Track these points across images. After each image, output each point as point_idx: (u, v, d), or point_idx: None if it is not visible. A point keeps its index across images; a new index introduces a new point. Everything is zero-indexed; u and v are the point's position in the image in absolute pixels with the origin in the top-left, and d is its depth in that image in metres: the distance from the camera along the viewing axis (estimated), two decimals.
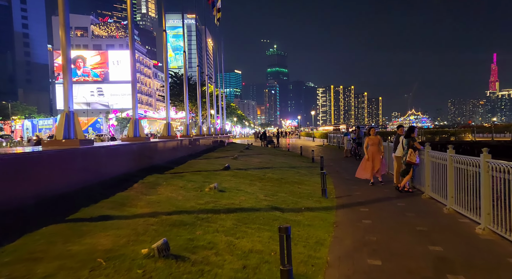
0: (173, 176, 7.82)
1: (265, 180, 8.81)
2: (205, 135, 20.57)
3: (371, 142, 9.15)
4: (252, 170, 10.50)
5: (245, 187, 7.56)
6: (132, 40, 10.11)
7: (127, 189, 5.91)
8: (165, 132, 12.74)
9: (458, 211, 5.99)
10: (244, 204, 5.92)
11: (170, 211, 4.92)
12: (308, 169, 12.51)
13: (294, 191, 7.92)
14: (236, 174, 9.13)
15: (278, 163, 13.49)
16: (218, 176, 8.46)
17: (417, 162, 7.73)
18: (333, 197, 7.72)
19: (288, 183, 8.91)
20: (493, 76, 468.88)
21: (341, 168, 13.54)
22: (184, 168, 9.61)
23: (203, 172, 8.89)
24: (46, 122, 74.14)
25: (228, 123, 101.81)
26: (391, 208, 6.71)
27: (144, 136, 9.46)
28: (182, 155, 12.77)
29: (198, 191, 6.42)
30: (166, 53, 13.11)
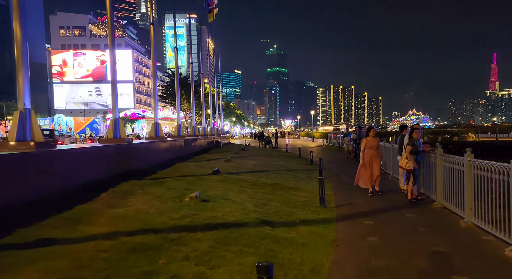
0: (153, 183, 6.95)
1: (258, 186, 7.94)
2: (199, 135, 19.70)
3: (369, 144, 7.82)
4: (244, 174, 9.63)
5: (233, 195, 6.68)
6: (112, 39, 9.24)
7: (91, 200, 5.04)
8: (152, 133, 11.87)
9: (479, 226, 5.11)
10: (229, 217, 5.04)
11: (135, 229, 4.04)
12: (306, 172, 11.64)
13: (289, 199, 7.04)
14: (225, 179, 8.26)
15: (274, 166, 12.62)
16: (204, 182, 7.59)
17: (415, 167, 7.05)
18: (333, 206, 6.84)
19: (283, 189, 8.04)
20: (493, 76, 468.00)
21: (342, 170, 12.66)
22: (169, 172, 8.74)
23: (189, 177, 8.01)
24: (42, 123, 73.27)
25: (227, 124, 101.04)
26: (400, 220, 5.83)
27: (125, 137, 8.60)
28: (171, 157, 11.90)
29: (176, 201, 5.54)
30: (154, 48, 12.26)
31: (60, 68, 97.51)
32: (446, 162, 6.31)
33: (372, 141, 7.87)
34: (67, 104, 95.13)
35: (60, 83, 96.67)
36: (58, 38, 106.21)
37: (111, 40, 9.13)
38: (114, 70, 8.91)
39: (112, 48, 8.94)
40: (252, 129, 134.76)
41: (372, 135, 7.88)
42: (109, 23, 9.10)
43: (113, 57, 8.98)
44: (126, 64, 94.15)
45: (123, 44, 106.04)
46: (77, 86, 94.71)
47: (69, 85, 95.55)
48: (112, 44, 9.02)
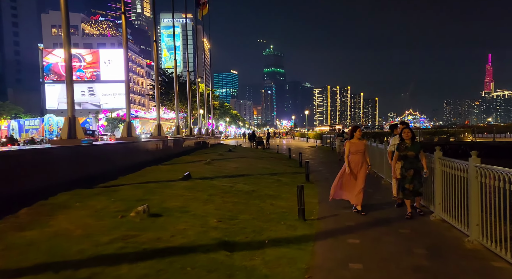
0: (102, 192, 5.92)
1: (230, 194, 6.92)
2: (184, 136, 18.68)
3: (353, 148, 6.28)
4: (220, 179, 8.61)
5: (197, 206, 5.66)
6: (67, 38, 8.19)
7: (1, 219, 4.01)
8: (124, 133, 10.82)
9: (488, 248, 4.14)
10: (177, 239, 4.03)
11: (31, 264, 3.01)
12: (292, 176, 10.64)
13: (264, 210, 6.04)
14: (194, 186, 7.24)
15: (258, 169, 11.61)
16: (167, 190, 6.56)
17: None
18: (314, 218, 5.84)
19: (259, 197, 7.03)
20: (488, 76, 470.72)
21: (332, 173, 11.65)
22: (132, 177, 7.71)
23: (151, 184, 6.98)
24: (33, 123, 71.93)
25: (222, 124, 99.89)
26: (392, 238, 4.84)
27: (82, 138, 7.55)
28: (146, 159, 10.86)
29: (117, 218, 4.52)
30: (126, 37, 11.21)
31: (52, 68, 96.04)
32: (446, 167, 5.33)
33: (357, 143, 6.32)
34: (59, 104, 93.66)
35: (52, 83, 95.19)
36: (50, 37, 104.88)
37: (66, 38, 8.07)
38: (70, 66, 7.83)
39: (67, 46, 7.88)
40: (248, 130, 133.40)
41: (358, 137, 6.33)
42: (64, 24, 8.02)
43: (69, 54, 7.94)
44: (120, 63, 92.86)
45: (117, 43, 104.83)
46: None
47: (61, 85, 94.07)
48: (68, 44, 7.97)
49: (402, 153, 5.77)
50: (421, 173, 5.69)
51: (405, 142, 5.81)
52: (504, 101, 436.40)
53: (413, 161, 5.73)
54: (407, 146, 5.75)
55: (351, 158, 6.31)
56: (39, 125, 71.34)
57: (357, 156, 6.28)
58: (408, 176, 5.72)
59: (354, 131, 6.40)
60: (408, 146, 5.75)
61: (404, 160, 5.78)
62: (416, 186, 5.72)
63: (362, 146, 6.35)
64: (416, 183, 5.72)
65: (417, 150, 5.71)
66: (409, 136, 5.78)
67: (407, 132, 5.80)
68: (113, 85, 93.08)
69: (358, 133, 6.37)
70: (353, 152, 6.31)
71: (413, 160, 5.73)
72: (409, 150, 5.74)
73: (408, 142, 5.78)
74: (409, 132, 5.78)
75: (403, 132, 5.84)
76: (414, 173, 5.70)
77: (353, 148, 6.31)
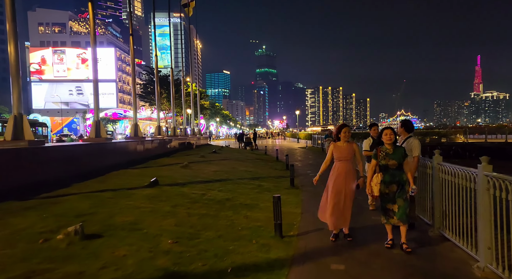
0: (37, 205, 4.94)
1: (199, 204, 6.00)
2: (166, 137, 17.67)
3: (337, 153, 4.70)
4: (193, 186, 7.68)
5: (152, 222, 4.73)
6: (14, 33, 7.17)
7: None
8: (92, 133, 9.82)
9: (503, 278, 3.30)
10: (108, 273, 3.10)
11: None
12: (276, 181, 9.76)
13: (234, 225, 5.13)
14: (159, 195, 6.29)
15: (239, 172, 10.69)
16: (123, 200, 5.62)
17: None
18: (294, 234, 4.96)
19: (233, 207, 6.12)
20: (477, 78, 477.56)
21: (320, 177, 10.84)
22: (90, 184, 6.74)
23: (107, 193, 6.02)
24: None
25: (213, 124, 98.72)
26: (384, 261, 3.98)
27: (31, 139, 6.56)
28: (116, 162, 9.86)
29: (37, 242, 3.56)
30: (93, 24, 10.18)
31: (39, 66, 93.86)
32: (448, 174, 4.49)
33: (344, 148, 4.67)
34: (46, 103, 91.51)
35: (38, 82, 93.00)
36: (36, 35, 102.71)
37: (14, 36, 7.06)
38: (17, 68, 6.81)
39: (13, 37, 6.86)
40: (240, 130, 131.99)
41: (345, 138, 4.68)
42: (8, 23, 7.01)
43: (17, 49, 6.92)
44: (109, 62, 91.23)
45: (105, 41, 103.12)
46: (57, 85, 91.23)
47: (48, 84, 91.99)
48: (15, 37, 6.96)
49: (382, 162, 4.27)
50: (408, 189, 4.22)
51: (385, 147, 4.30)
52: (492, 103, 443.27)
53: (395, 172, 4.23)
54: (388, 152, 4.27)
55: (336, 166, 4.70)
56: None
57: (342, 164, 4.63)
58: (390, 193, 4.24)
59: (340, 130, 4.70)
60: (389, 153, 4.26)
61: (383, 171, 4.28)
62: (401, 207, 4.19)
63: (350, 151, 4.64)
64: (401, 203, 4.20)
65: (400, 157, 4.23)
66: (391, 140, 4.26)
67: (388, 134, 4.29)
68: (102, 84, 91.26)
69: (345, 134, 4.65)
70: (337, 158, 4.68)
71: (396, 172, 4.23)
72: (390, 157, 4.23)
73: (389, 147, 4.29)
74: (392, 134, 4.27)
75: (383, 134, 4.33)
76: (397, 189, 4.23)
77: (338, 153, 4.66)
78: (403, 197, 4.23)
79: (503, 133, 33.98)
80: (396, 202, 4.24)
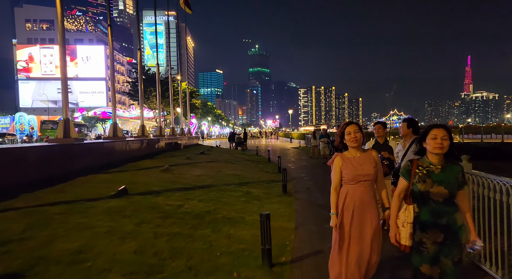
0: None
1: (172, 220, 4.95)
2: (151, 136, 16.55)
3: (349, 171, 2.79)
4: (170, 194, 6.61)
5: (105, 248, 3.67)
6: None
7: None
8: (60, 133, 8.69)
9: None
10: None
11: None
12: (267, 186, 8.74)
13: (212, 249, 4.09)
14: (124, 208, 5.21)
15: (226, 176, 9.64)
16: (74, 217, 4.53)
17: None
18: (286, 261, 3.94)
19: (214, 223, 5.08)
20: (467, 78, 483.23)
21: (315, 181, 9.88)
22: (42, 194, 5.62)
23: (58, 207, 4.93)
24: (2, 121, 67.93)
25: (205, 124, 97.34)
26: None
27: None
28: (86, 166, 8.74)
29: None
30: (60, 14, 9.05)
31: (26, 64, 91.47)
32: (484, 187, 3.51)
33: (358, 160, 2.83)
34: (34, 102, 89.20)
35: (26, 79, 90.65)
36: (24, 32, 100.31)
37: None
38: None
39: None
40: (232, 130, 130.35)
41: (355, 143, 2.83)
42: None
43: None
44: (98, 60, 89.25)
45: (95, 39, 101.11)
46: (45, 83, 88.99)
47: (36, 82, 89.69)
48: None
49: (419, 186, 2.36)
50: (466, 243, 2.40)
51: (427, 160, 2.40)
52: (482, 103, 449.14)
53: (442, 209, 2.32)
54: (432, 170, 2.36)
55: (346, 193, 2.83)
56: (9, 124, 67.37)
57: (360, 189, 2.79)
58: (430, 245, 2.33)
59: (343, 132, 2.87)
60: (434, 171, 2.35)
61: (421, 203, 2.39)
62: (449, 276, 2.32)
63: (370, 165, 2.80)
64: (449, 267, 2.31)
65: (454, 182, 2.32)
66: (443, 145, 2.30)
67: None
68: (91, 83, 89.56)
69: (352, 136, 2.80)
70: (349, 180, 2.80)
71: (443, 207, 2.32)
72: (436, 180, 2.32)
73: (435, 160, 2.36)
74: (446, 136, 2.33)
75: (430, 134, 2.36)
76: (444, 239, 2.31)
77: (350, 170, 2.79)
78: (455, 257, 2.30)
79: (499, 133, 33.55)
80: (440, 264, 2.32)
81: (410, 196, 2.42)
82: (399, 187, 2.49)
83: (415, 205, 2.40)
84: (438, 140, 2.32)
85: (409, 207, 2.40)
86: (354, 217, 2.81)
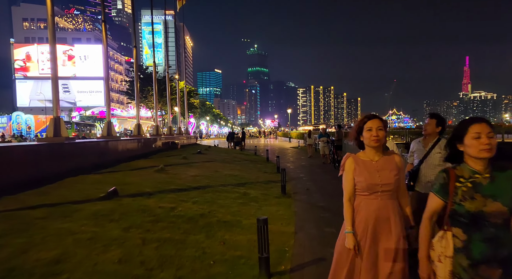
0: None
1: (163, 224, 4.62)
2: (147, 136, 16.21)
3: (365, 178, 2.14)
4: (163, 196, 6.28)
5: (83, 259, 3.34)
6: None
7: None
8: (50, 132, 8.35)
9: None
10: None
11: None
12: (265, 187, 8.42)
13: (205, 256, 3.76)
14: (112, 211, 4.88)
15: (222, 177, 9.31)
16: (57, 222, 4.20)
17: None
18: (286, 270, 3.62)
19: (208, 227, 4.75)
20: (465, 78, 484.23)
21: (315, 182, 9.55)
22: (26, 197, 5.29)
23: (41, 210, 4.59)
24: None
25: (204, 123, 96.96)
26: None
27: None
28: (78, 166, 8.40)
29: None
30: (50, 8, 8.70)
31: (24, 63, 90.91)
32: None
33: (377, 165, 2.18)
34: (31, 101, 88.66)
35: (23, 79, 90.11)
36: (21, 31, 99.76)
37: None
38: None
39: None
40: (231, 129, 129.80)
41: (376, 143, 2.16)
42: None
43: None
44: (96, 60, 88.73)
45: (93, 38, 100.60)
46: (42, 82, 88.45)
47: (33, 81, 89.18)
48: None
49: (465, 205, 1.71)
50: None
51: (467, 167, 1.79)
52: (480, 102, 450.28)
53: (503, 231, 1.67)
54: (478, 181, 1.74)
55: (361, 206, 2.18)
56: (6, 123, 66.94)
57: (378, 201, 2.14)
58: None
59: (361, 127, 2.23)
60: (481, 182, 1.73)
61: (472, 227, 1.71)
62: None
63: (392, 172, 2.16)
64: None
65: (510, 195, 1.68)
66: (492, 145, 1.71)
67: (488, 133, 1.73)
68: (89, 82, 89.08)
69: (372, 134, 2.15)
70: (364, 189, 2.16)
71: (504, 229, 1.67)
72: (487, 195, 1.69)
73: (480, 166, 1.76)
74: (492, 133, 1.74)
75: (470, 133, 1.76)
76: (503, 277, 1.64)
77: (366, 177, 2.16)
78: None
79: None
80: None
81: (448, 219, 1.78)
82: (430, 207, 1.86)
83: (461, 231, 1.73)
84: (485, 139, 1.69)
85: (447, 234, 1.76)
86: (368, 241, 2.08)
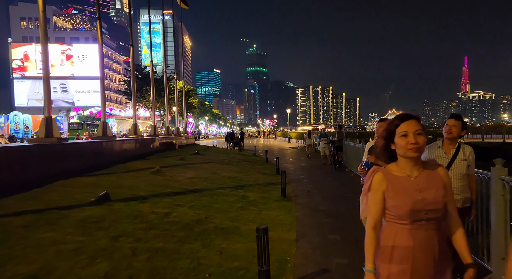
0: None
1: (156, 232, 4.32)
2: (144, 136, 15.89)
3: (402, 201, 1.50)
4: (158, 199, 5.98)
5: (64, 274, 3.04)
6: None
7: None
8: (42, 132, 8.04)
9: None
10: None
11: None
12: (264, 190, 8.12)
13: (201, 269, 3.47)
14: (102, 217, 4.58)
15: (220, 179, 9.01)
16: (39, 231, 3.89)
17: None
18: None
19: (204, 234, 4.46)
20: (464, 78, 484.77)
21: (315, 184, 9.26)
22: (11, 202, 4.99)
23: (25, 217, 4.29)
24: None
25: (203, 123, 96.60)
26: None
27: None
28: (70, 167, 8.10)
29: None
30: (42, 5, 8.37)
31: (21, 63, 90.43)
32: None
33: (417, 183, 1.54)
34: (29, 101, 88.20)
35: (21, 78, 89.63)
36: (19, 31, 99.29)
37: None
38: None
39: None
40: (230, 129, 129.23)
41: (416, 153, 1.51)
42: None
43: None
44: (95, 59, 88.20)
45: (91, 38, 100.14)
46: (40, 82, 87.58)
47: (31, 81, 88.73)
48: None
49: None
50: None
51: None
52: (479, 102, 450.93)
53: None
54: None
55: (394, 237, 1.53)
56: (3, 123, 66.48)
57: (419, 231, 1.50)
58: None
59: (393, 130, 1.58)
60: None
61: None
62: None
63: (438, 191, 1.54)
64: None
65: None
66: None
67: None
68: (87, 82, 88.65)
69: (416, 139, 1.51)
70: (401, 215, 1.52)
71: None
72: None
73: None
74: None
75: None
76: None
77: (402, 199, 1.52)
78: None
79: (499, 133, 33.11)
80: None
81: None
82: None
83: None
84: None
85: None
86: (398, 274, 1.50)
